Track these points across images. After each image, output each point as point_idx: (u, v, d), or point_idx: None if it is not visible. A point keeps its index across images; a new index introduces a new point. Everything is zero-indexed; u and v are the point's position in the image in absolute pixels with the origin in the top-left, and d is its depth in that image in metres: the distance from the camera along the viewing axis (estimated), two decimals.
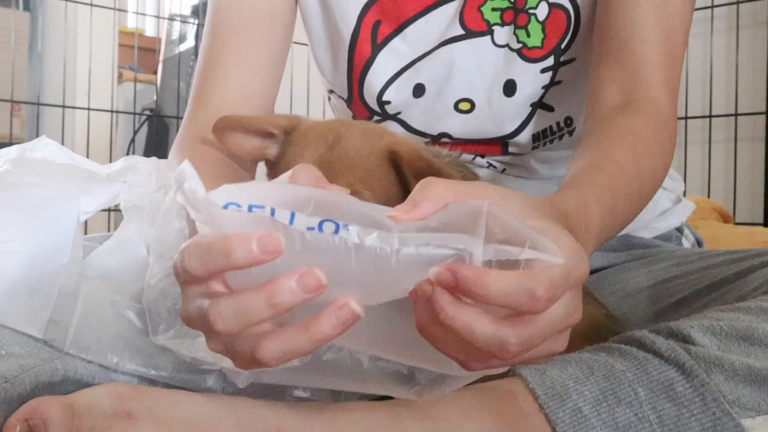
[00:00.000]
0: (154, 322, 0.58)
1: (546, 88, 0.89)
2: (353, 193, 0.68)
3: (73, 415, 0.49)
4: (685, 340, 0.56)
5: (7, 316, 0.57)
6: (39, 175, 0.63)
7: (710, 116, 2.26)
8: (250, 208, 0.41)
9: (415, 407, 0.54)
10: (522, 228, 0.43)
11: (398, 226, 0.43)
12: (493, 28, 0.88)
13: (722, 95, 2.24)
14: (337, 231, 0.41)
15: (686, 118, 2.30)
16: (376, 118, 0.95)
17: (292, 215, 0.41)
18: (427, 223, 0.43)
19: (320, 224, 0.41)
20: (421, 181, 0.46)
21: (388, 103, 0.93)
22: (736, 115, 2.20)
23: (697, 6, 2.45)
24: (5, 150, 0.67)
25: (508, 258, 0.42)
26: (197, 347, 0.55)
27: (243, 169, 0.84)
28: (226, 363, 0.47)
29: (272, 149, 0.79)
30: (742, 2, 2.21)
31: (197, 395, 0.54)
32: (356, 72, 0.92)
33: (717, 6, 2.25)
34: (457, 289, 0.41)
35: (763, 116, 2.16)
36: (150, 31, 3.79)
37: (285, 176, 0.47)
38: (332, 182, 0.68)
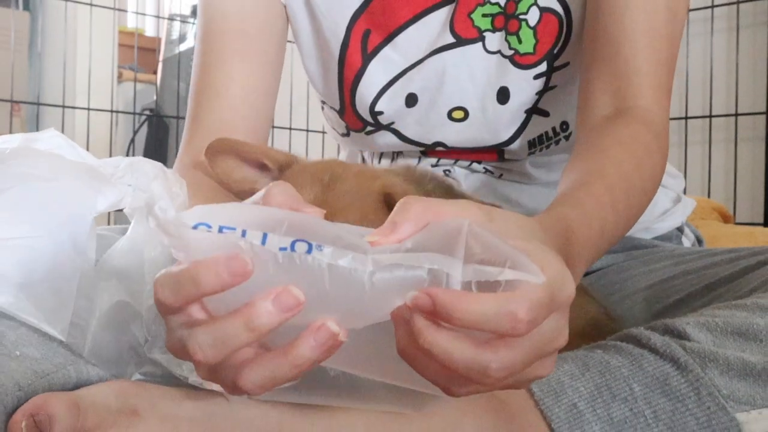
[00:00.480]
0: (151, 340, 0.57)
1: (540, 93, 0.88)
2: None
3: (79, 412, 0.49)
4: (680, 335, 0.56)
5: (29, 314, 0.56)
6: (52, 169, 0.61)
7: (710, 116, 2.26)
8: (220, 229, 0.41)
9: None
10: (503, 247, 0.41)
11: (374, 248, 0.42)
12: (485, 34, 0.87)
13: (722, 95, 2.24)
14: (309, 251, 0.40)
15: (686, 118, 2.30)
16: (369, 128, 0.95)
17: (264, 236, 0.40)
18: (403, 245, 0.42)
19: (292, 244, 0.40)
20: (401, 201, 0.45)
21: (381, 113, 0.92)
22: (736, 115, 2.20)
23: (697, 6, 2.43)
24: (6, 137, 0.65)
25: (487, 279, 0.40)
26: (190, 368, 0.55)
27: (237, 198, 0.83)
28: (217, 387, 0.46)
29: (263, 183, 0.77)
30: (743, 2, 2.21)
31: (201, 392, 0.54)
32: (347, 83, 0.91)
33: (717, 6, 2.25)
34: (435, 313, 0.40)
35: (764, 116, 2.16)
36: (150, 31, 3.79)
37: (259, 195, 0.46)
38: None
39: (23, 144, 0.64)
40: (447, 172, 0.97)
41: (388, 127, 0.94)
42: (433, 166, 0.97)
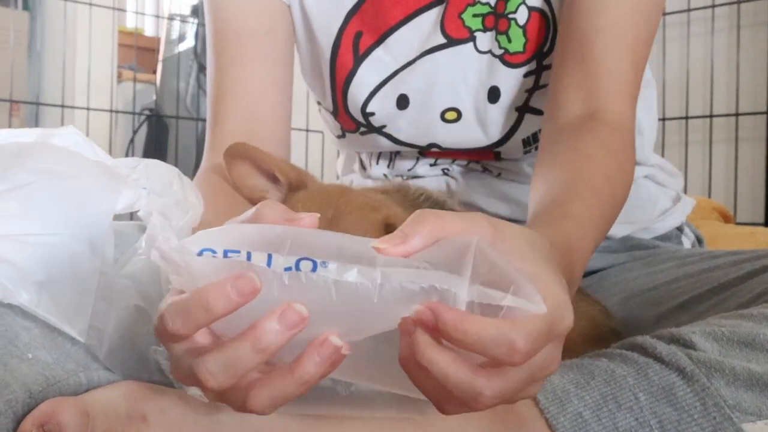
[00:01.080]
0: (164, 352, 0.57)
1: (530, 91, 0.88)
2: None
3: (88, 419, 0.49)
4: (687, 345, 0.55)
5: (50, 313, 0.55)
6: (71, 166, 0.60)
7: (711, 116, 2.26)
8: (225, 254, 0.41)
9: None
10: (509, 271, 0.42)
11: (382, 258, 0.42)
12: (475, 34, 0.87)
13: (723, 95, 2.24)
14: (315, 269, 0.40)
15: (687, 117, 2.29)
16: (362, 129, 0.95)
17: (269, 257, 0.40)
18: (412, 261, 0.42)
19: (297, 263, 0.40)
20: (415, 213, 0.45)
21: (373, 114, 0.92)
22: (737, 114, 2.20)
23: (698, 6, 2.42)
24: (22, 131, 0.64)
25: (489, 302, 0.41)
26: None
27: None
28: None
29: (272, 195, 0.78)
30: (743, 2, 2.20)
31: None
32: (339, 84, 0.92)
33: (718, 6, 2.24)
34: (436, 330, 0.40)
35: (764, 116, 2.16)
36: (149, 31, 3.79)
37: (248, 214, 0.46)
38: None
39: (41, 139, 0.63)
40: (446, 171, 0.97)
41: (380, 131, 0.94)
42: (431, 165, 0.97)
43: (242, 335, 0.41)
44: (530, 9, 0.85)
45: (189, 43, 3.17)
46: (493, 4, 0.86)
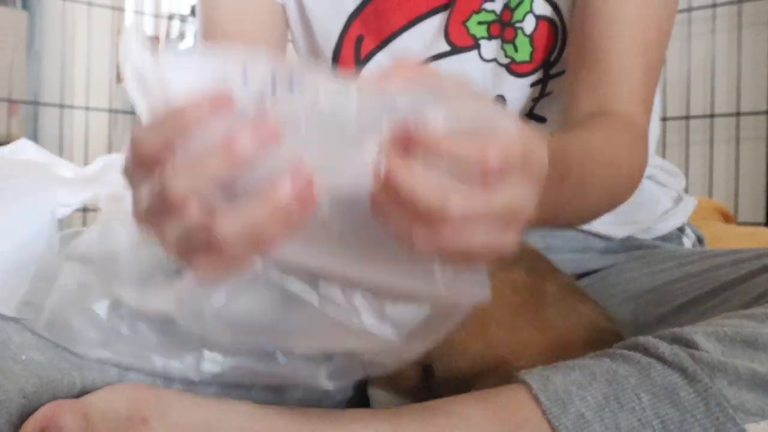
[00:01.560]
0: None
1: (536, 100, 0.88)
2: None
3: (88, 423, 0.49)
4: (689, 345, 0.55)
5: None
6: (13, 167, 0.63)
7: (712, 116, 2.25)
8: (200, 70, 0.40)
9: (418, 416, 0.54)
10: (483, 99, 0.43)
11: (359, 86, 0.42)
12: (480, 42, 0.86)
13: (725, 95, 2.23)
14: (291, 85, 0.40)
15: (688, 117, 2.29)
16: None
17: (245, 71, 0.40)
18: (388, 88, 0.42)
19: (273, 79, 0.40)
20: (394, 63, 0.45)
21: None
22: (738, 114, 2.20)
23: (699, 5, 2.42)
24: None
25: (464, 122, 0.41)
26: (149, 299, 0.54)
27: None
28: (182, 310, 0.45)
29: None
30: (745, 1, 2.20)
31: (210, 400, 0.54)
32: None
33: (719, 5, 2.24)
34: (407, 144, 0.39)
35: (766, 116, 2.15)
36: (148, 30, 3.78)
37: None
38: None
39: None
40: None
41: None
42: None
43: (211, 146, 0.39)
44: (538, 18, 0.84)
45: (188, 42, 3.17)
46: (498, 11, 0.85)
